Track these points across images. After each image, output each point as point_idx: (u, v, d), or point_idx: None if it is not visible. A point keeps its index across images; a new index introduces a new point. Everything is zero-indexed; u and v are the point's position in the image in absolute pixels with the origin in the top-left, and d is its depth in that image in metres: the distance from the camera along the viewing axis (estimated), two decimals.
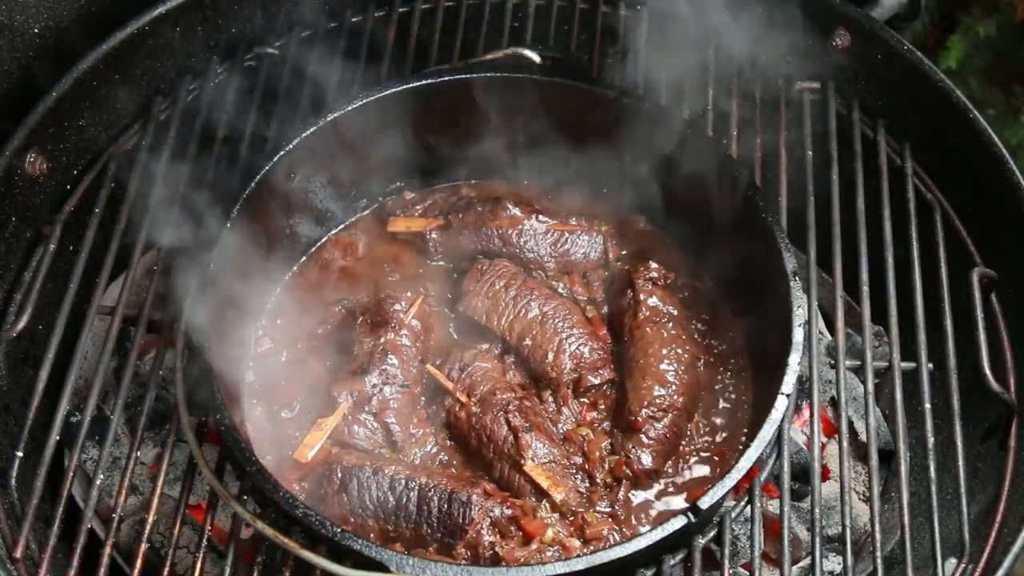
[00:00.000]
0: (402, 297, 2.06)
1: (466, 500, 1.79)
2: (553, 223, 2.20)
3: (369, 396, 1.94)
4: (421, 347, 2.04)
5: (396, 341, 1.99)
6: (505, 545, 1.78)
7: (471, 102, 2.17)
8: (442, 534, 1.80)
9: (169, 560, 1.76)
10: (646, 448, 1.93)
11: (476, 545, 1.77)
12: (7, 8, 2.13)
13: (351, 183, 2.22)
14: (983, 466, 2.05)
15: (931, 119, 2.26)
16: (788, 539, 1.80)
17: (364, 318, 2.04)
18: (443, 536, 1.80)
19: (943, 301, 2.05)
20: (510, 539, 1.79)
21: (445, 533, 1.80)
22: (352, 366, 1.98)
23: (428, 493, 1.81)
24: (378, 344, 1.98)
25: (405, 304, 2.04)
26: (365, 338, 2.01)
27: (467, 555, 1.78)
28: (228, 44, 2.35)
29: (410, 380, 1.99)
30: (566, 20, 2.40)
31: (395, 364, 1.97)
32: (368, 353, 1.98)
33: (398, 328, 2.01)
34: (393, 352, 1.98)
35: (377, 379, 1.95)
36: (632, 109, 2.13)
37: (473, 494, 1.80)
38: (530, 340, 2.03)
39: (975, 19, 2.93)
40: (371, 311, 2.04)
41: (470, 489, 1.81)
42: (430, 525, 1.80)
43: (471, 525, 1.78)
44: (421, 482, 1.82)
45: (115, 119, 2.24)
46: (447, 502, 1.80)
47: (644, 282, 2.09)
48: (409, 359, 2.00)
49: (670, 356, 2.01)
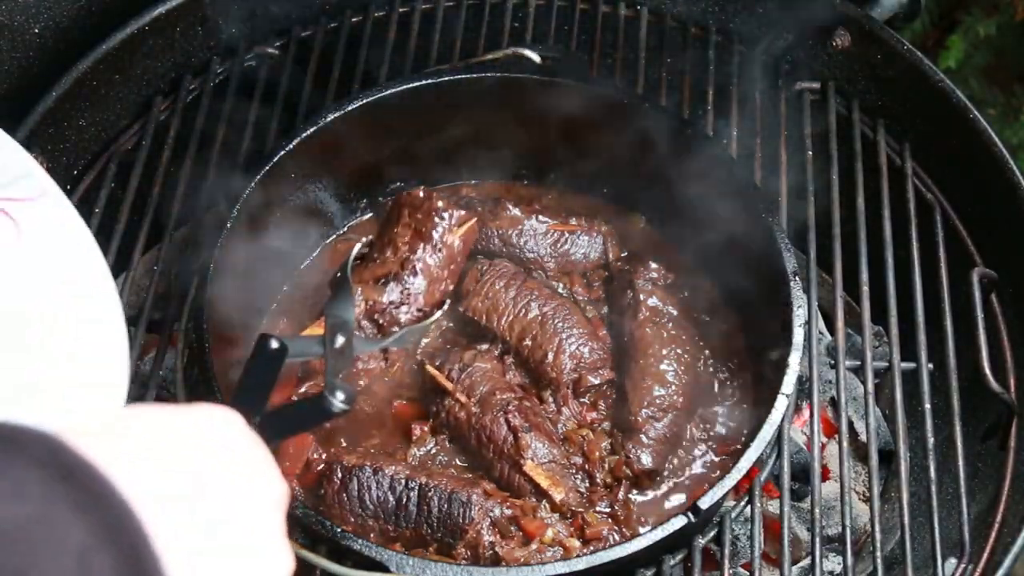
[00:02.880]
0: (451, 209, 2.00)
1: (466, 500, 1.79)
2: (553, 223, 2.20)
3: (382, 308, 1.91)
4: (455, 269, 2.01)
5: (428, 262, 1.96)
6: (505, 545, 1.78)
7: (471, 102, 2.17)
8: (442, 534, 1.80)
9: None
10: (646, 448, 1.93)
11: (476, 545, 1.77)
12: (7, 8, 2.13)
13: (351, 184, 2.22)
14: (983, 466, 2.05)
15: (931, 119, 2.26)
16: (788, 539, 1.80)
17: (409, 218, 1.98)
18: (443, 536, 1.80)
19: (943, 301, 2.05)
20: (510, 539, 1.79)
21: (445, 533, 1.80)
22: (377, 270, 1.96)
23: (428, 493, 1.81)
24: (410, 259, 1.96)
25: (453, 221, 1.99)
26: (402, 243, 1.98)
27: (467, 555, 1.78)
28: (228, 44, 2.35)
29: (429, 305, 1.97)
30: (566, 20, 2.40)
31: (420, 288, 1.95)
32: (399, 262, 1.96)
33: (438, 248, 1.97)
34: (423, 273, 1.94)
35: (397, 296, 1.93)
36: (632, 109, 2.13)
37: (473, 494, 1.80)
38: (530, 340, 2.03)
39: (975, 19, 2.93)
40: (418, 212, 2.00)
41: (470, 489, 1.81)
42: (430, 525, 1.80)
43: (471, 525, 1.78)
44: (421, 482, 1.81)
45: (115, 119, 2.24)
46: (447, 502, 1.80)
47: (644, 282, 2.09)
48: (436, 282, 1.96)
49: (670, 356, 2.01)
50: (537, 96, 2.16)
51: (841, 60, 2.35)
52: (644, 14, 2.39)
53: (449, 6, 2.40)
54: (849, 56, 2.34)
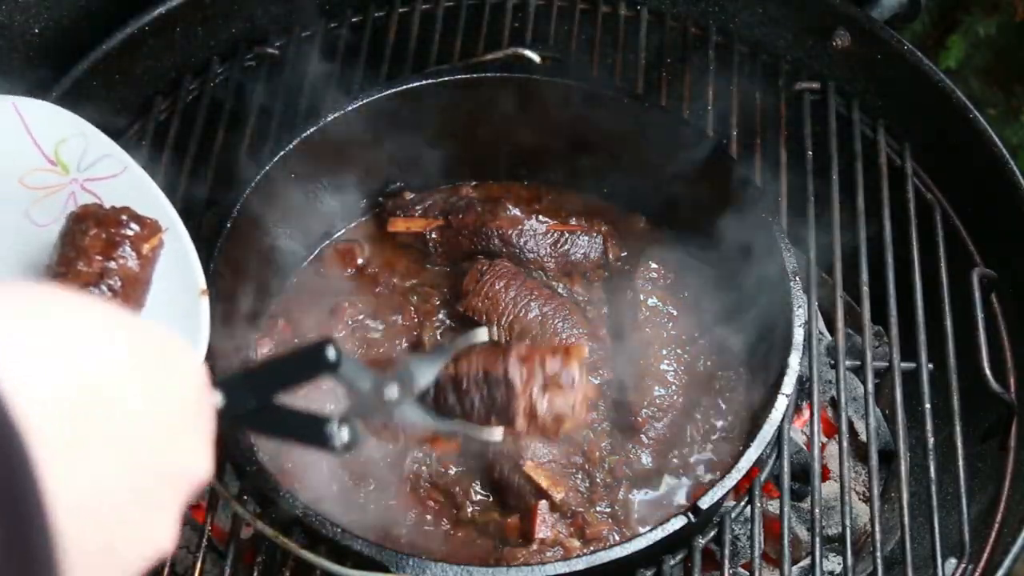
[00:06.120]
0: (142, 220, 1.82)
1: (502, 377, 1.57)
2: (553, 223, 2.20)
3: None
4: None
5: (127, 267, 1.75)
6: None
7: (471, 102, 2.17)
8: (496, 418, 1.58)
9: (169, 560, 1.76)
10: (646, 448, 1.93)
11: (533, 415, 1.58)
12: (7, 8, 2.14)
13: (350, 184, 2.22)
14: (983, 466, 2.05)
15: (931, 119, 2.26)
16: (788, 539, 1.80)
17: (97, 230, 1.77)
18: (497, 421, 1.59)
19: (943, 301, 2.05)
20: (559, 392, 1.57)
21: (499, 417, 1.58)
22: (73, 282, 1.72)
23: (462, 384, 1.58)
24: (107, 267, 1.74)
25: (142, 230, 1.79)
26: (96, 253, 1.76)
27: (528, 426, 1.58)
28: (228, 44, 2.35)
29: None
30: (566, 20, 2.40)
31: (119, 294, 1.74)
32: (96, 274, 1.74)
33: (130, 255, 1.76)
34: (123, 279, 1.74)
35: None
36: (632, 109, 2.13)
37: (508, 366, 1.57)
38: (530, 340, 2.03)
39: (975, 19, 2.92)
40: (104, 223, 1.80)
41: (503, 360, 1.58)
42: (479, 415, 1.58)
43: (516, 401, 1.56)
44: (451, 373, 1.59)
45: (115, 119, 2.24)
46: (485, 384, 1.58)
47: (644, 282, 2.09)
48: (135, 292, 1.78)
49: (670, 356, 2.01)
50: (537, 96, 2.16)
51: (841, 60, 2.35)
52: (644, 14, 2.39)
53: (449, 6, 2.40)
54: (849, 56, 2.34)
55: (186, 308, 1.79)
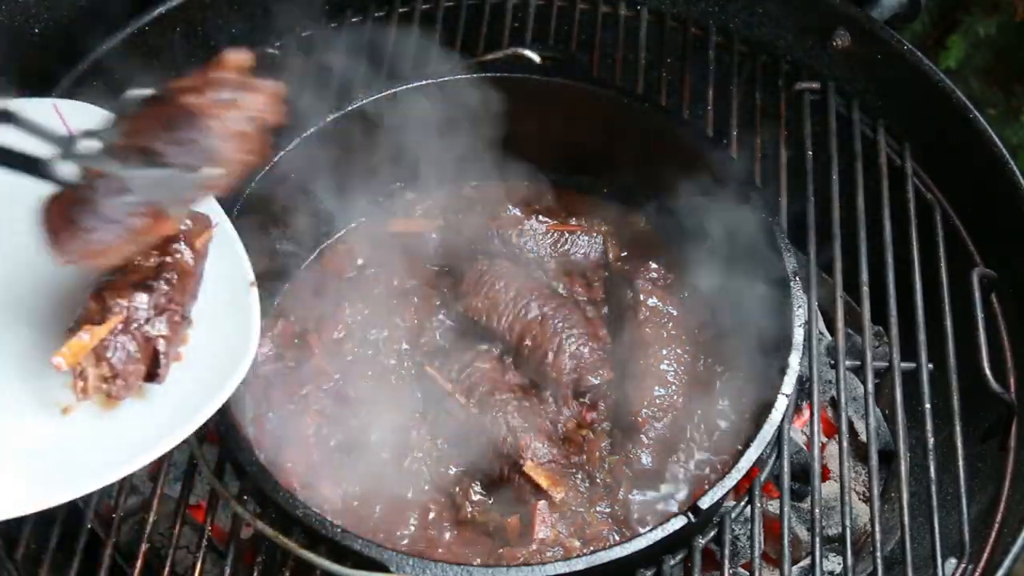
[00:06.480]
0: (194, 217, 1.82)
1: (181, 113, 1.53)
2: (553, 223, 2.20)
3: (145, 316, 1.69)
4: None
5: (183, 261, 1.75)
6: None
7: (471, 102, 2.17)
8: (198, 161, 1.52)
9: (169, 560, 1.76)
10: (646, 448, 1.93)
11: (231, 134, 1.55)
12: (7, 8, 2.14)
13: (350, 184, 2.22)
14: (983, 466, 2.05)
15: (931, 119, 2.26)
16: (788, 539, 1.80)
17: None
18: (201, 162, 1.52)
19: (943, 301, 2.05)
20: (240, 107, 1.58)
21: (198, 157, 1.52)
22: (133, 276, 1.73)
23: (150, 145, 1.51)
24: (164, 261, 1.74)
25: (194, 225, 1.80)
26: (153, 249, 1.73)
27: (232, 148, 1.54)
28: (228, 44, 2.35)
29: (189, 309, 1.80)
30: (566, 20, 2.40)
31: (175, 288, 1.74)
32: (153, 268, 1.73)
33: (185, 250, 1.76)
34: (178, 274, 1.74)
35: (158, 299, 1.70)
36: (632, 109, 2.13)
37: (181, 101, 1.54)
38: (530, 340, 2.03)
39: (975, 19, 2.92)
40: None
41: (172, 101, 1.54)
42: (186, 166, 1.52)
43: (204, 122, 1.52)
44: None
45: None
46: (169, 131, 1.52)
47: (644, 282, 2.09)
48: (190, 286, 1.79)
49: (670, 356, 2.01)
50: (537, 96, 2.16)
51: (841, 60, 2.35)
52: (644, 14, 2.39)
53: (449, 6, 2.40)
54: (849, 56, 2.34)
55: (236, 300, 1.81)
